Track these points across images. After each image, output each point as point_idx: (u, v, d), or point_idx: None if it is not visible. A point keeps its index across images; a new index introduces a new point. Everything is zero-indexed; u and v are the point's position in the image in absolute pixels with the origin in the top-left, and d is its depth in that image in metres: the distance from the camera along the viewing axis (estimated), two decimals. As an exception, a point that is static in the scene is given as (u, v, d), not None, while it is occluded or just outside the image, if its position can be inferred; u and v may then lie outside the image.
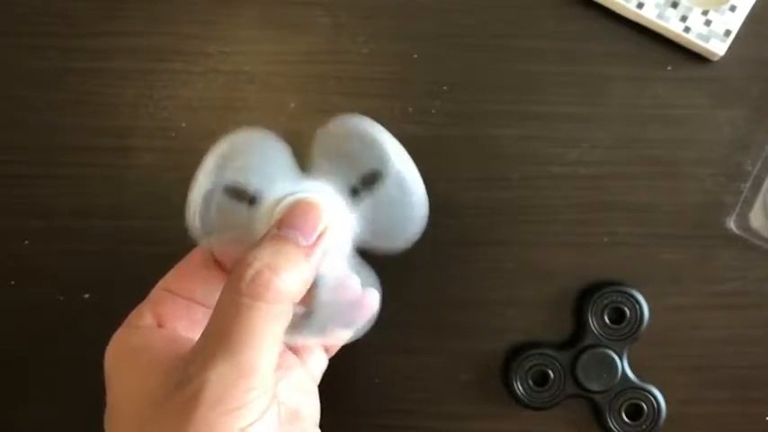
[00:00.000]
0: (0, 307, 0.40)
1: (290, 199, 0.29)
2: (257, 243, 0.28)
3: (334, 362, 0.36)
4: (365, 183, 0.30)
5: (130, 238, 0.40)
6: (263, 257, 0.27)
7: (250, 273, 0.26)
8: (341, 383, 0.39)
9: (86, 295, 0.40)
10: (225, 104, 0.40)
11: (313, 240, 0.28)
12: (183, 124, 0.40)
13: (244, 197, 0.30)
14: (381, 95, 0.40)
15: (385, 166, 0.30)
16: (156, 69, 0.40)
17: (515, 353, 0.39)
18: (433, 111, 0.40)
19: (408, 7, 0.40)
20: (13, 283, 0.40)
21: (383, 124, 0.30)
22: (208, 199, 0.30)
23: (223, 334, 0.26)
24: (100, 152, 0.40)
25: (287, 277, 0.27)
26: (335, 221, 0.30)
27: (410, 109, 0.40)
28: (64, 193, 0.40)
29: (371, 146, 0.30)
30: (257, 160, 0.30)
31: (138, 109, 0.40)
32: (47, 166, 0.40)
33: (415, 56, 0.40)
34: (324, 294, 0.30)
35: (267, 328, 0.26)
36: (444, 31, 0.40)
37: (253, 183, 0.30)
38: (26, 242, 0.40)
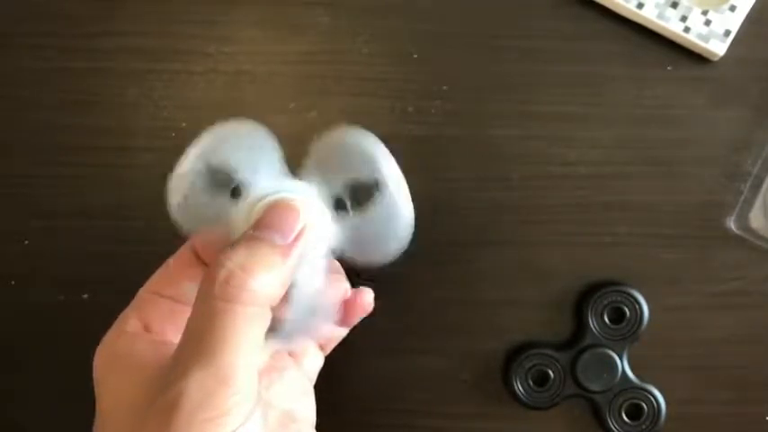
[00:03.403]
0: (0, 307, 0.40)
1: (269, 199, 0.28)
2: (232, 245, 0.26)
3: (334, 362, 0.36)
4: (353, 195, 0.30)
5: (130, 238, 0.40)
6: (236, 259, 0.26)
7: (223, 274, 0.25)
8: (341, 384, 0.39)
9: (86, 295, 0.40)
10: (225, 104, 0.40)
11: (290, 240, 0.27)
12: (183, 124, 0.40)
13: (227, 186, 0.29)
14: (381, 95, 0.40)
15: (377, 182, 0.29)
16: (155, 69, 0.40)
17: (515, 353, 0.39)
18: (432, 111, 0.40)
19: (408, 7, 0.40)
20: (13, 283, 0.40)
21: (383, 124, 0.30)
22: (192, 180, 0.28)
23: (199, 339, 0.25)
24: (100, 152, 0.40)
25: (262, 278, 0.25)
26: (315, 221, 0.29)
27: (410, 109, 0.40)
28: (64, 193, 0.40)
29: (366, 160, 0.29)
30: (245, 151, 0.29)
31: (138, 109, 0.40)
32: (47, 166, 0.40)
33: (415, 56, 0.40)
34: (309, 296, 0.29)
35: (243, 332, 0.25)
36: (444, 31, 0.40)
37: (238, 172, 0.29)
38: (26, 242, 0.40)
